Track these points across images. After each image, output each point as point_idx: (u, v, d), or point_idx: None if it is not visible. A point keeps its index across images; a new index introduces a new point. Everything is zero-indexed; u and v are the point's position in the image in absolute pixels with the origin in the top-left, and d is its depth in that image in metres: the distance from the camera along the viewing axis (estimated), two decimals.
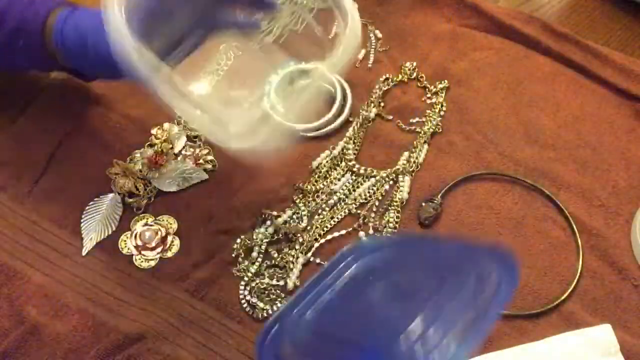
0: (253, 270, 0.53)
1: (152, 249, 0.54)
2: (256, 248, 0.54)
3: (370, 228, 0.57)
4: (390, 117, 0.65)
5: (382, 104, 0.66)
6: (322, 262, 0.54)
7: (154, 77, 0.41)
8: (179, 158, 0.60)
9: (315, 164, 0.60)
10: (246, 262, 0.54)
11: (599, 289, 0.54)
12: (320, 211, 0.57)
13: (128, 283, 0.53)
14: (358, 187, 0.59)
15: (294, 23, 0.73)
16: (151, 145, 0.60)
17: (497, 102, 0.67)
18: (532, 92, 0.68)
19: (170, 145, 0.61)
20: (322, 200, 0.58)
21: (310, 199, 0.58)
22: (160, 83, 0.41)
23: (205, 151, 0.61)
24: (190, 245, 0.55)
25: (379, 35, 0.73)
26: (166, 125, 0.62)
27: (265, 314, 0.51)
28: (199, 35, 0.53)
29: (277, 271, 0.54)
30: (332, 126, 0.63)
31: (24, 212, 0.55)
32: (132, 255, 0.54)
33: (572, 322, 0.52)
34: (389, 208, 0.58)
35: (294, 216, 0.57)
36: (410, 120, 0.65)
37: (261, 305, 0.52)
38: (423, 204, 0.58)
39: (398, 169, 0.60)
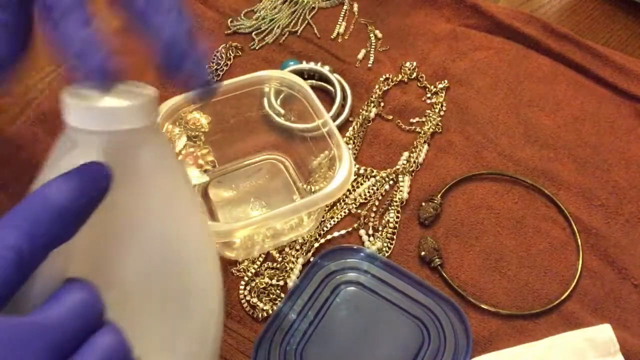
0: (253, 270, 0.53)
1: None
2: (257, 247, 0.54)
3: (370, 228, 0.57)
4: (390, 117, 0.65)
5: (382, 104, 0.66)
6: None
7: None
8: (179, 158, 0.60)
9: (315, 163, 0.60)
10: (246, 262, 0.54)
11: (599, 289, 0.54)
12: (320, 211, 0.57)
13: None
14: (358, 187, 0.59)
15: (293, 24, 0.74)
16: None
17: (497, 102, 0.67)
18: (532, 92, 0.68)
19: (171, 145, 0.61)
20: None
21: None
22: None
23: (205, 151, 0.61)
24: None
25: (379, 35, 0.73)
26: (166, 126, 0.62)
27: (265, 314, 0.51)
28: None
29: (277, 271, 0.54)
30: None
31: None
32: None
33: (572, 322, 0.52)
34: (389, 208, 0.58)
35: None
36: (410, 120, 0.65)
37: (261, 305, 0.52)
38: (423, 204, 0.58)
39: (398, 168, 0.60)
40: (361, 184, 0.60)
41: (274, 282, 0.53)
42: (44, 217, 0.21)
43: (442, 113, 0.66)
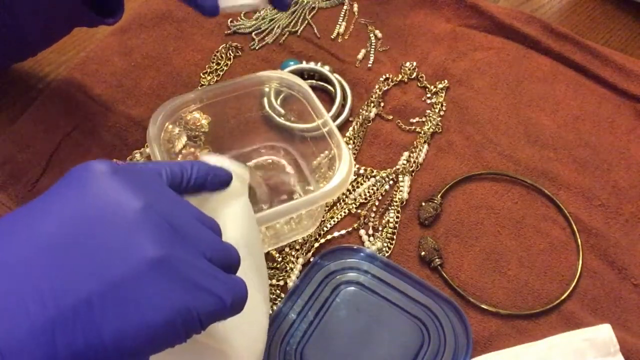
0: None
1: None
2: None
3: (370, 228, 0.57)
4: (390, 117, 0.65)
5: (382, 104, 0.66)
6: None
7: None
8: (179, 158, 0.60)
9: (315, 163, 0.60)
10: None
11: (598, 289, 0.54)
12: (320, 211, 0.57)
13: None
14: (358, 187, 0.59)
15: (293, 24, 0.74)
16: None
17: (497, 102, 0.67)
18: (532, 92, 0.68)
19: (171, 145, 0.60)
20: None
21: None
22: None
23: (205, 151, 0.61)
24: None
25: (379, 35, 0.73)
26: (167, 125, 0.62)
27: None
28: None
29: (277, 271, 0.54)
30: None
31: None
32: None
33: (572, 322, 0.52)
34: (389, 208, 0.58)
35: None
36: (410, 120, 0.65)
37: None
38: (423, 204, 0.58)
39: (398, 168, 0.60)
40: (361, 184, 0.60)
41: (274, 282, 0.53)
42: (202, 168, 0.35)
43: (442, 113, 0.66)
